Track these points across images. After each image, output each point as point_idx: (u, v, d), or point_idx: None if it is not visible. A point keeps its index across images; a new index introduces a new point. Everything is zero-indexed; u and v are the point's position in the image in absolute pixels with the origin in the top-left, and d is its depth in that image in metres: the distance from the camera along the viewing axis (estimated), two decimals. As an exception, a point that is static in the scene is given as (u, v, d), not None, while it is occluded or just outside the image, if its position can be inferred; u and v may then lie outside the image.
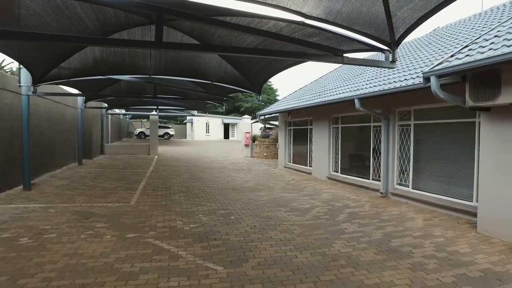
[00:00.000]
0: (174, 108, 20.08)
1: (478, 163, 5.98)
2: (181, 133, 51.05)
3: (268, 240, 5.24)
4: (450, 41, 9.21)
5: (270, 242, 5.13)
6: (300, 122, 14.45)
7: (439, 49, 8.95)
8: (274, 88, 55.64)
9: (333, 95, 10.76)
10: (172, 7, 4.01)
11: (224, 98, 12.88)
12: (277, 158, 16.91)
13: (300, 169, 14.01)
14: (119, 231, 5.44)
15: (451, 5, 3.70)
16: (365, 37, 4.62)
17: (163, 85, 10.60)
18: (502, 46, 4.77)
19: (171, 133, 42.21)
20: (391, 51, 4.59)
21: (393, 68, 4.72)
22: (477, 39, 5.90)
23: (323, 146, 12.02)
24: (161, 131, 39.06)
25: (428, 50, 9.69)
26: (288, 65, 7.38)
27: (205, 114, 41.17)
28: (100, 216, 6.32)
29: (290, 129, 15.48)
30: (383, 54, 4.76)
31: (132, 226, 5.75)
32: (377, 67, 4.85)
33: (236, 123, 46.32)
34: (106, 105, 18.30)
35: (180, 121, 55.72)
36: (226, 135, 47.97)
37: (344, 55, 4.64)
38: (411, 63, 9.01)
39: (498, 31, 5.55)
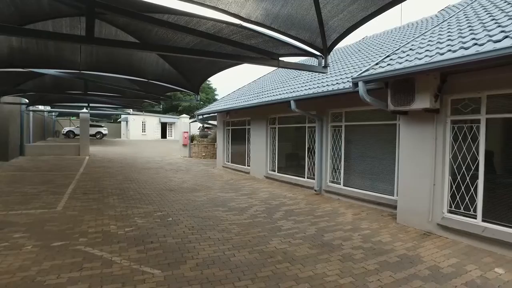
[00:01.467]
0: (107, 106, 18.92)
1: (398, 161, 6.66)
2: (115, 132, 48.23)
3: (206, 240, 5.24)
4: (376, 50, 10.10)
5: (208, 242, 5.14)
6: (239, 122, 14.62)
7: (367, 56, 9.76)
8: (213, 88, 55.34)
9: (271, 96, 11.09)
10: (104, 0, 3.80)
11: (161, 97, 12.49)
12: (216, 158, 16.90)
13: (238, 168, 14.17)
14: (42, 241, 4.99)
15: (376, 18, 4.08)
16: (300, 42, 4.86)
17: (95, 82, 9.92)
18: (414, 58, 5.39)
19: (104, 132, 39.77)
20: (323, 56, 4.88)
21: (326, 73, 5.03)
22: (396, 50, 6.55)
23: (261, 146, 12.32)
24: (93, 130, 36.69)
25: (357, 57, 10.50)
26: (227, 65, 7.43)
27: (141, 113, 39.40)
28: (18, 225, 5.71)
29: (229, 129, 15.57)
30: (317, 59, 5.06)
31: (58, 234, 5.32)
32: (311, 71, 5.13)
33: (174, 122, 45.14)
34: (27, 100, 16.54)
35: (114, 119, 52.61)
36: (164, 135, 46.51)
37: (280, 58, 4.85)
38: (342, 68, 9.67)
39: (412, 45, 6.24)
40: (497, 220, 5.02)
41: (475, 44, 4.62)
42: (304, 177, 10.18)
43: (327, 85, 8.39)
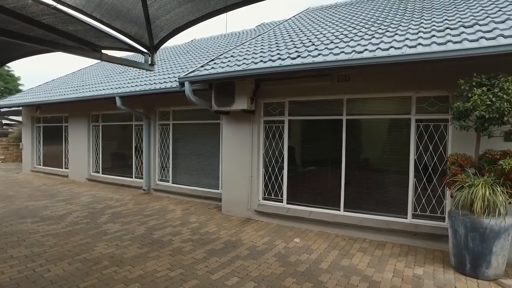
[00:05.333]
0: None
1: (222, 157, 7.32)
2: None
3: (6, 261, 4.33)
4: (203, 53, 10.71)
5: (10, 263, 4.27)
6: (53, 118, 12.58)
7: (195, 58, 10.21)
8: (16, 76, 45.09)
9: (94, 91, 10.06)
10: None
11: None
12: (21, 161, 13.97)
13: (53, 172, 12.21)
14: None
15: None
16: (126, 37, 4.65)
17: None
18: (234, 64, 6.09)
19: None
20: (150, 54, 4.84)
21: (152, 70, 5.01)
22: (220, 55, 7.19)
23: (82, 146, 11.01)
24: None
25: (186, 58, 10.82)
26: (35, 51, 6.28)
27: None
28: None
29: (40, 127, 13.16)
30: (144, 56, 4.97)
31: None
32: (137, 68, 5.00)
33: (-47, 117, 34.36)
34: None
35: None
36: None
37: (103, 51, 4.50)
38: (170, 67, 9.78)
39: (234, 52, 7.00)
40: (295, 201, 6.29)
41: (279, 58, 5.62)
42: (132, 177, 9.76)
43: (154, 83, 8.32)
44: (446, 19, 5.58)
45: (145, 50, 4.92)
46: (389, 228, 5.27)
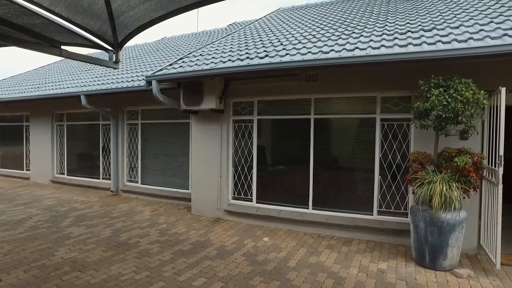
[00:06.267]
0: None
1: (191, 157, 7.23)
2: None
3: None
4: (173, 51, 10.53)
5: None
6: (12, 117, 11.94)
7: (164, 56, 10.02)
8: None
9: (57, 89, 9.64)
10: None
11: None
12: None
13: (12, 174, 11.61)
14: None
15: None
16: (88, 33, 4.49)
17: None
18: (203, 63, 6.03)
19: None
20: (114, 51, 4.70)
21: (117, 68, 4.86)
22: (189, 54, 7.09)
23: (45, 146, 10.53)
24: None
25: (155, 56, 10.60)
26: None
27: None
28: None
29: (-4, 126, 12.48)
30: (108, 54, 4.82)
31: None
32: (100, 65, 4.85)
33: None
34: None
35: None
36: None
37: (64, 47, 4.31)
38: (139, 65, 9.53)
39: (203, 51, 6.94)
40: (265, 200, 6.32)
41: (248, 57, 5.63)
42: (99, 178, 9.45)
43: (122, 81, 8.09)
44: (408, 23, 5.80)
45: (109, 47, 4.77)
46: (356, 225, 5.40)
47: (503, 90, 3.92)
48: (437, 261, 4.17)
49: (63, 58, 15.82)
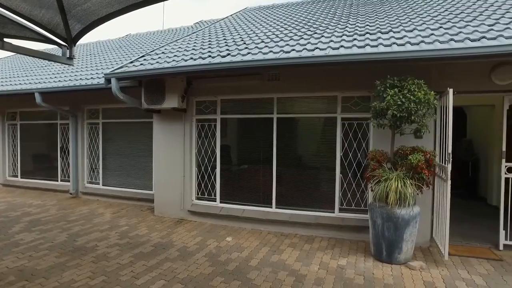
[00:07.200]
0: None
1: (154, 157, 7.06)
2: None
3: None
4: (137, 48, 10.23)
5: None
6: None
7: (127, 54, 9.71)
8: None
9: (8, 85, 9.06)
10: None
11: None
12: None
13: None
14: None
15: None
16: (37, 26, 4.23)
17: None
18: (164, 61, 5.88)
19: None
20: (68, 47, 4.47)
21: (71, 65, 4.63)
22: (152, 51, 6.91)
23: (-4, 147, 9.88)
24: None
25: (117, 53, 10.24)
26: None
27: None
28: None
29: None
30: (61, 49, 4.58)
31: None
32: (51, 61, 4.60)
33: None
34: None
35: None
36: None
37: (8, 40, 4.03)
38: (100, 63, 9.19)
39: (165, 49, 6.78)
40: (229, 200, 6.28)
41: (210, 56, 5.56)
42: (58, 180, 9.01)
43: (80, 79, 7.75)
44: (367, 25, 5.97)
45: (62, 42, 4.53)
46: (318, 222, 5.49)
47: (451, 91, 4.13)
48: (393, 255, 4.33)
49: (15, 54, 14.89)
